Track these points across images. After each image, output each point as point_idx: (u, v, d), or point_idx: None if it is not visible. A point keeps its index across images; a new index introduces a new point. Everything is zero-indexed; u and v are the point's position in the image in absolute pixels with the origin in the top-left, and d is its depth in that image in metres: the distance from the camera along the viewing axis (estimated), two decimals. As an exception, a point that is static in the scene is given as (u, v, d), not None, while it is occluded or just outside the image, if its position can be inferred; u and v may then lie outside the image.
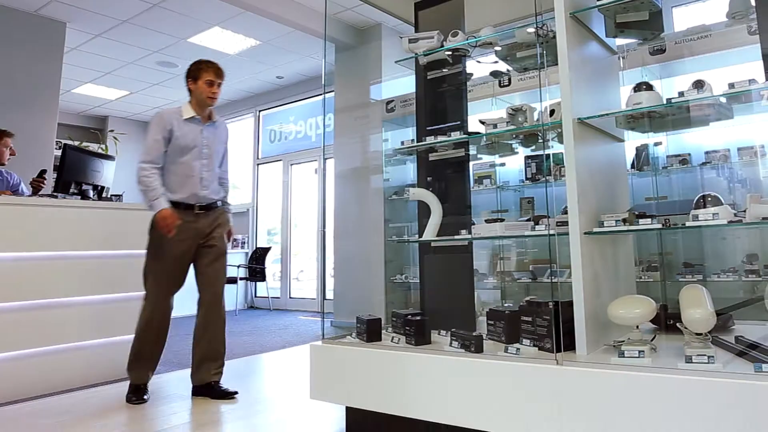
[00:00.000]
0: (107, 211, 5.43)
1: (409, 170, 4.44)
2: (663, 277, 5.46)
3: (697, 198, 2.81)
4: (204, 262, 4.75)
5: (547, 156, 4.02)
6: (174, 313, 4.67)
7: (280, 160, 12.87)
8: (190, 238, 4.66)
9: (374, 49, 8.98)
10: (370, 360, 3.40)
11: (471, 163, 4.25)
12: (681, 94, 2.85)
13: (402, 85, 7.21)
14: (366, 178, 8.92)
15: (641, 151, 5.73)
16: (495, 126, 3.59)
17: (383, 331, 3.75)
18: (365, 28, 9.15)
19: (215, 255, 4.77)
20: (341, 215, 9.37)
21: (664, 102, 3.00)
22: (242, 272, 12.12)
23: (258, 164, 13.36)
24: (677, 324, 2.79)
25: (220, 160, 4.97)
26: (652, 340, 3.00)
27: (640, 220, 2.89)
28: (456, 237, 3.68)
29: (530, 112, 3.60)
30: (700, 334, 2.68)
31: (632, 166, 5.54)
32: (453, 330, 3.26)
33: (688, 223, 2.72)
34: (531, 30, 3.52)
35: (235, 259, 12.33)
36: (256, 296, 12.84)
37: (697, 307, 2.65)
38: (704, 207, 2.74)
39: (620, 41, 3.92)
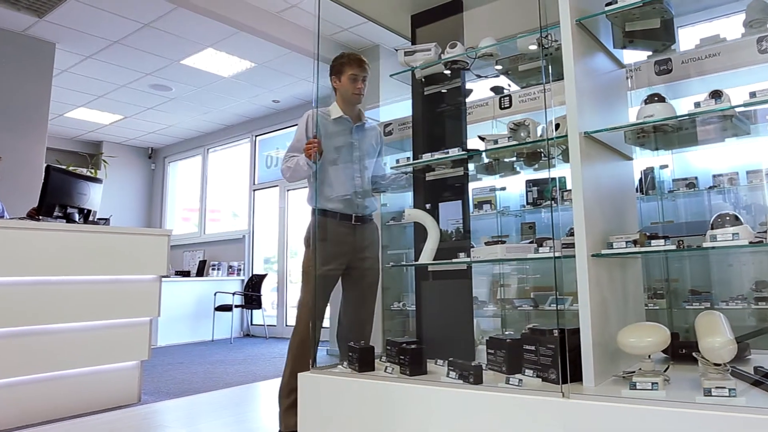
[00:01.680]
0: (93, 234, 5.23)
1: (407, 195, 4.26)
2: (669, 304, 5.29)
3: (714, 217, 2.61)
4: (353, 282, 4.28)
5: (552, 178, 3.82)
6: (165, 341, 4.42)
7: (276, 186, 12.69)
8: (345, 254, 4.17)
9: (371, 71, 8.77)
10: (361, 391, 3.20)
11: (470, 185, 4.07)
12: (697, 105, 2.65)
13: (400, 108, 7.07)
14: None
15: (647, 174, 5.59)
16: (496, 142, 3.39)
17: (378, 361, 3.55)
18: (362, 49, 8.94)
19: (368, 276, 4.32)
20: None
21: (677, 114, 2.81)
22: (238, 300, 11.93)
23: (254, 190, 13.19)
24: (693, 354, 2.58)
25: (374, 164, 4.47)
26: (665, 370, 2.78)
27: (652, 242, 2.68)
28: (454, 260, 3.48)
29: (533, 126, 3.40)
30: (719, 365, 2.46)
31: (637, 190, 5.37)
32: (450, 359, 3.06)
33: (705, 244, 2.52)
34: (534, 41, 3.33)
35: (231, 287, 12.20)
36: (252, 324, 12.60)
37: (716, 335, 2.44)
38: (722, 227, 2.53)
39: (629, 59, 3.74)
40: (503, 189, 6.68)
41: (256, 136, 13.20)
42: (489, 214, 6.64)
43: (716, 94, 2.64)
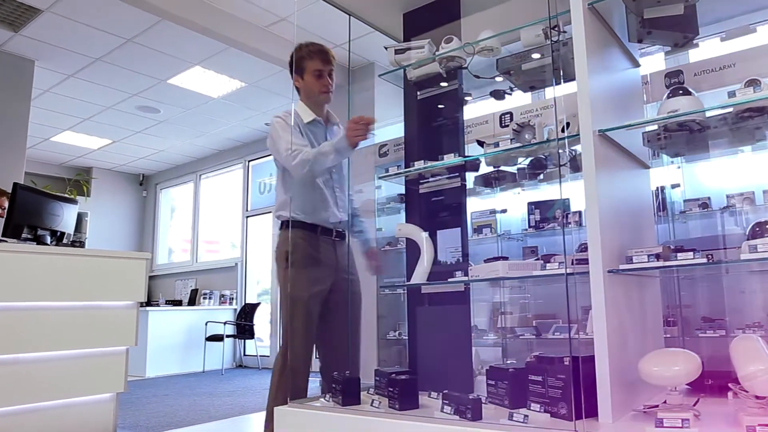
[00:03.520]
0: (65, 257, 4.89)
1: (403, 220, 3.95)
2: (681, 332, 4.99)
3: (751, 226, 2.27)
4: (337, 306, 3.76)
5: (562, 199, 3.48)
6: (154, 372, 4.06)
7: (269, 212, 12.33)
8: (329, 274, 3.71)
9: (366, 89, 8.49)
10: (342, 427, 2.85)
11: (469, 201, 3.77)
12: (732, 94, 2.29)
13: (397, 128, 6.85)
14: (358, 229, 8.46)
15: (657, 194, 5.30)
16: (497, 145, 3.04)
17: (365, 393, 3.23)
18: (356, 67, 8.66)
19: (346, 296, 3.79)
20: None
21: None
22: (229, 329, 11.65)
23: (247, 217, 12.92)
24: (730, 385, 2.22)
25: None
26: (694, 404, 2.42)
27: (679, 255, 2.32)
28: (451, 280, 3.15)
29: (540, 127, 3.05)
30: (762, 398, 2.10)
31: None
32: (445, 392, 2.72)
33: (743, 256, 2.16)
34: (540, 32, 3.00)
35: (222, 316, 11.92)
36: (244, 355, 12.31)
37: (758, 363, 2.08)
38: (762, 236, 2.18)
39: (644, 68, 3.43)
40: (504, 211, 6.46)
41: (249, 161, 12.96)
42: (489, 238, 6.40)
43: (754, 82, 2.28)
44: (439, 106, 3.65)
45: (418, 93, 3.67)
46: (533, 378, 2.63)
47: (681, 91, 2.53)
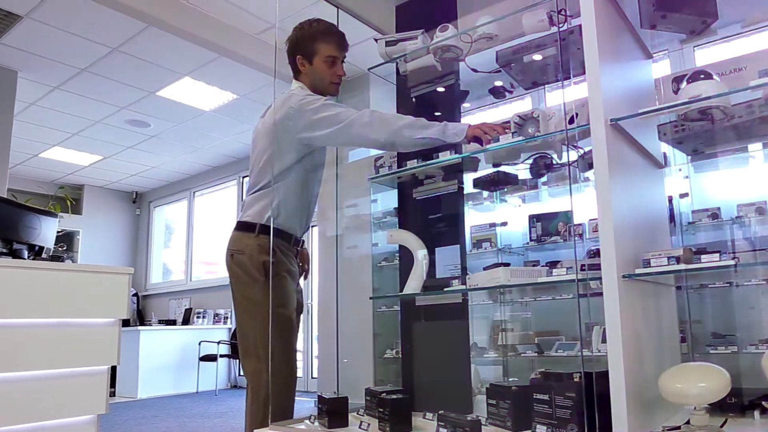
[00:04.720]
0: (42, 272, 4.65)
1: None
2: (690, 348, 4.78)
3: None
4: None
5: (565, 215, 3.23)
6: (147, 393, 3.80)
7: (265, 230, 12.09)
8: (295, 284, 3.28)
9: (361, 99, 8.26)
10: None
11: (467, 209, 3.55)
12: (763, 73, 2.04)
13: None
14: (353, 245, 8.25)
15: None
16: (497, 140, 2.79)
17: (354, 414, 3.02)
18: (350, 78, 8.38)
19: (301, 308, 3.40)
20: (326, 286, 8.62)
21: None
22: (224, 349, 11.42)
23: (242, 233, 12.61)
24: (764, 403, 1.97)
25: None
26: (722, 425, 2.17)
27: (703, 257, 2.06)
28: (447, 289, 2.92)
29: (544, 120, 2.78)
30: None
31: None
32: (441, 412, 2.50)
33: (778, 255, 1.91)
34: (543, 18, 2.76)
35: (216, 335, 11.73)
36: (240, 375, 12.03)
37: (799, 379, 1.83)
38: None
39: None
40: (504, 224, 6.22)
41: (243, 177, 12.70)
42: (489, 252, 6.19)
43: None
44: (435, 102, 3.46)
45: (413, 90, 3.47)
46: (539, 397, 2.41)
47: (702, 75, 2.27)
